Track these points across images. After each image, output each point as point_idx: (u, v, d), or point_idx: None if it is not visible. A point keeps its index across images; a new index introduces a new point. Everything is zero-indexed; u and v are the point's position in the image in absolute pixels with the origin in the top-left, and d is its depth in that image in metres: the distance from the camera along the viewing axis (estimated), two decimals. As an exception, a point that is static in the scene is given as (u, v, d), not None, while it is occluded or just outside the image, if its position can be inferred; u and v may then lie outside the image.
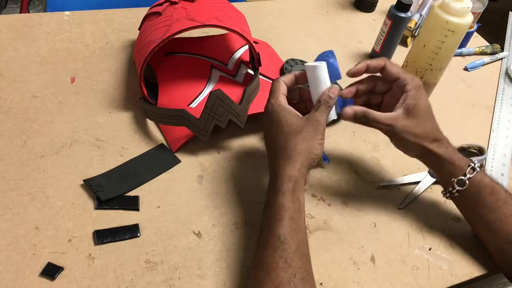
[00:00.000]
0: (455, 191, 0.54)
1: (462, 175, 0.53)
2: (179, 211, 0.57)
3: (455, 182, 0.54)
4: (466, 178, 0.53)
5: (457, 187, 0.54)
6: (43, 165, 0.58)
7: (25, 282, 0.47)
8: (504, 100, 0.85)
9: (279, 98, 0.54)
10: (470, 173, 0.53)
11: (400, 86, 0.54)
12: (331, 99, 0.53)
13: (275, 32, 0.91)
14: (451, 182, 0.54)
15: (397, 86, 0.55)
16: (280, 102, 0.53)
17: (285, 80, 0.56)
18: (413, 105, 0.52)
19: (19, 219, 0.52)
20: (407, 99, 0.53)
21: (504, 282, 0.68)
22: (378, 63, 0.55)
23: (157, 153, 0.63)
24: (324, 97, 0.53)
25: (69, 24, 0.82)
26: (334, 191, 0.63)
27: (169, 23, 0.62)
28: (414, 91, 0.53)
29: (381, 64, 0.55)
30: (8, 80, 0.69)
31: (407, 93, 0.53)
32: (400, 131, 0.53)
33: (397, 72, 0.55)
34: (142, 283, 0.49)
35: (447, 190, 0.55)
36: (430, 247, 0.58)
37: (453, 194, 0.55)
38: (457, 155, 0.54)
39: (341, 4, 1.05)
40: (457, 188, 0.54)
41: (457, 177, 0.53)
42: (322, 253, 0.55)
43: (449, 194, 0.55)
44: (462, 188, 0.53)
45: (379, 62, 0.55)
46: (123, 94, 0.71)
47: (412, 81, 0.54)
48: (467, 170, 0.53)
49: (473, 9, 0.84)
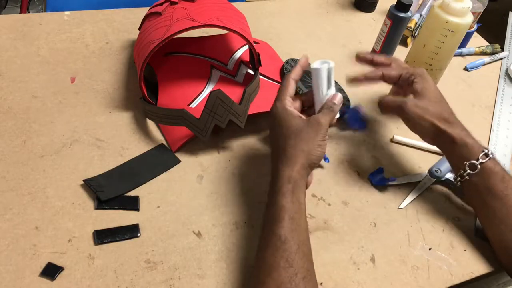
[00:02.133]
0: (466, 174, 0.55)
1: (474, 159, 0.54)
2: (179, 211, 0.57)
3: (467, 166, 0.54)
4: (478, 162, 0.54)
5: (468, 171, 0.54)
6: (43, 165, 0.58)
7: (25, 282, 0.47)
8: (504, 100, 0.85)
9: (284, 101, 0.54)
10: (482, 158, 0.54)
11: (405, 80, 0.60)
12: (335, 105, 0.55)
13: (275, 32, 0.91)
14: (463, 165, 0.55)
15: (402, 81, 0.60)
16: (284, 104, 0.54)
17: (294, 77, 0.56)
18: (420, 87, 0.57)
19: (19, 219, 0.52)
20: (414, 84, 0.58)
21: (504, 282, 0.68)
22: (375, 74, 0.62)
23: (157, 153, 0.63)
24: (328, 103, 0.55)
25: (69, 24, 0.82)
26: (334, 191, 0.63)
27: (169, 23, 0.62)
28: (419, 78, 0.58)
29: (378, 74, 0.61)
30: (8, 80, 0.69)
31: (413, 80, 0.59)
32: (411, 108, 0.57)
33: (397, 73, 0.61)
34: (142, 283, 0.49)
35: (458, 174, 0.56)
36: (430, 247, 0.58)
37: (464, 177, 0.55)
38: (471, 139, 0.55)
39: (341, 4, 1.05)
40: (468, 172, 0.54)
41: (470, 161, 0.54)
42: (322, 253, 0.55)
43: (459, 178, 0.56)
44: (473, 172, 0.54)
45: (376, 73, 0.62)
46: (123, 94, 0.71)
47: (415, 71, 0.59)
48: (480, 155, 0.54)
49: (473, 9, 0.84)
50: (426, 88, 0.57)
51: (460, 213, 0.62)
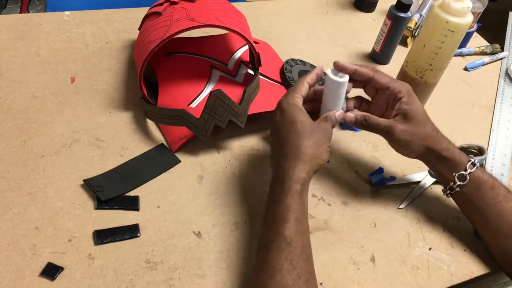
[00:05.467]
0: (456, 185, 0.55)
1: (463, 170, 0.54)
2: (179, 211, 0.57)
3: (456, 177, 0.54)
4: (467, 173, 0.54)
5: (458, 182, 0.54)
6: (43, 165, 0.58)
7: (25, 282, 0.47)
8: (504, 100, 0.85)
9: (295, 98, 0.53)
10: (470, 168, 0.54)
11: (392, 95, 0.56)
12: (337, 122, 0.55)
13: (275, 32, 0.91)
14: (452, 177, 0.55)
15: (388, 94, 0.56)
16: (296, 102, 0.53)
17: (309, 81, 0.55)
18: (409, 109, 0.54)
19: (19, 219, 0.52)
20: (402, 105, 0.55)
21: (504, 282, 0.68)
22: (367, 73, 0.56)
23: (157, 153, 0.63)
24: (332, 117, 0.54)
25: (69, 24, 0.82)
26: (334, 191, 0.63)
27: (169, 23, 0.62)
28: (407, 97, 0.55)
29: (369, 75, 0.56)
30: (8, 80, 0.69)
31: (401, 100, 0.55)
32: (400, 134, 0.54)
33: (387, 82, 0.56)
34: (142, 283, 0.49)
35: (447, 187, 0.56)
36: (430, 247, 0.58)
37: (454, 189, 0.55)
38: (457, 151, 0.56)
39: (341, 4, 1.05)
40: (458, 183, 0.54)
41: (458, 172, 0.54)
42: (322, 253, 0.55)
43: (449, 191, 0.56)
44: (463, 183, 0.54)
45: (368, 72, 0.56)
46: (123, 94, 0.71)
47: (403, 88, 0.55)
48: (468, 165, 0.54)
49: (473, 9, 0.84)
50: (413, 109, 0.54)
51: (460, 213, 0.62)
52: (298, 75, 0.76)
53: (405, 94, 0.55)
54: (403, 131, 0.54)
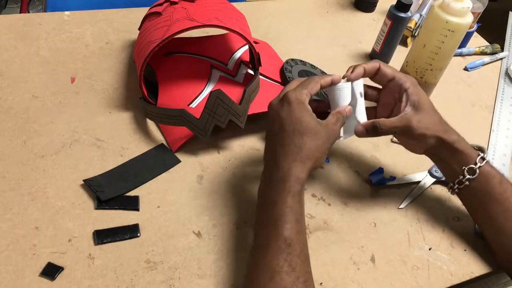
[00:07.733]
0: (465, 179, 0.54)
1: (472, 163, 0.54)
2: (179, 211, 0.57)
3: (465, 171, 0.54)
4: (476, 167, 0.53)
5: (468, 176, 0.54)
6: (43, 165, 0.58)
7: (25, 282, 0.47)
8: (504, 100, 0.85)
9: (304, 95, 0.51)
10: (480, 162, 0.53)
11: (397, 86, 0.55)
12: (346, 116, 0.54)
13: (275, 32, 0.91)
14: (461, 171, 0.54)
15: (393, 85, 0.56)
16: (304, 100, 0.51)
17: (323, 84, 0.53)
18: (417, 100, 0.54)
19: (19, 219, 0.52)
20: (410, 96, 0.54)
21: (504, 282, 0.68)
22: (373, 66, 0.56)
23: (157, 153, 0.63)
24: (343, 112, 0.54)
25: (69, 24, 0.82)
26: (334, 191, 0.63)
27: (169, 23, 0.62)
28: (413, 88, 0.54)
29: (376, 66, 0.56)
30: (8, 80, 0.69)
31: (407, 90, 0.54)
32: (417, 127, 0.53)
33: (391, 72, 0.56)
34: (142, 283, 0.49)
35: (456, 181, 0.55)
36: (430, 247, 0.58)
37: (463, 183, 0.54)
38: (467, 144, 0.55)
39: (341, 4, 1.05)
40: (467, 177, 0.54)
41: (468, 166, 0.54)
42: (322, 253, 0.55)
43: (457, 185, 0.55)
44: (473, 176, 0.54)
45: (373, 64, 0.56)
46: (123, 94, 0.71)
47: (408, 78, 0.55)
48: (477, 159, 0.54)
49: (473, 9, 0.84)
50: (421, 98, 0.54)
51: (460, 213, 0.62)
52: (298, 75, 0.76)
53: (411, 85, 0.54)
54: (419, 122, 0.53)
